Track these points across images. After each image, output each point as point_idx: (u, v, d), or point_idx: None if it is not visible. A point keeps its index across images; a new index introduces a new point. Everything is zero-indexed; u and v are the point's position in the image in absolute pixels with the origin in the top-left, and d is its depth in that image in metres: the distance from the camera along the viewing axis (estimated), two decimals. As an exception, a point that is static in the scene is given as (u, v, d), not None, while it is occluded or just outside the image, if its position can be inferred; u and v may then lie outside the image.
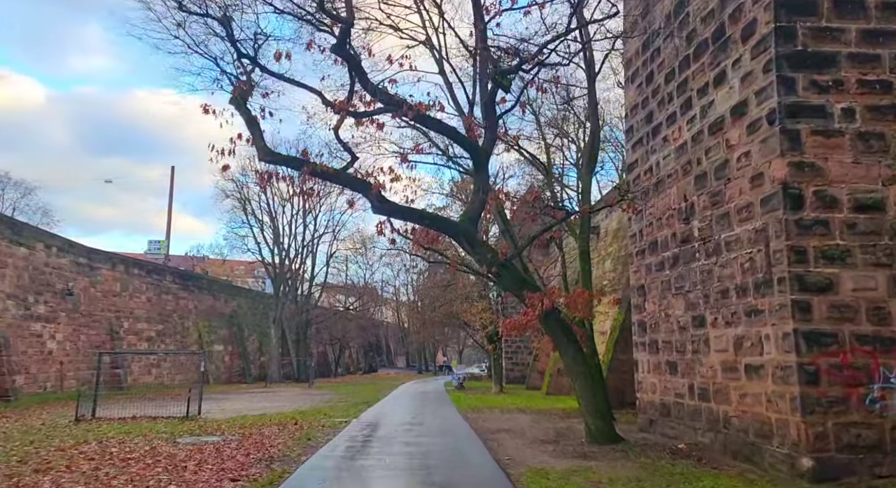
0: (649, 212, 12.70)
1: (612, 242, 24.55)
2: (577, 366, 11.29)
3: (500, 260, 11.20)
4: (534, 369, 37.01)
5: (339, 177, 11.48)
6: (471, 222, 11.57)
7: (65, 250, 30.96)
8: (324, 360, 60.84)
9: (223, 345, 46.29)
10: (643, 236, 13.03)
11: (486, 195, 11.44)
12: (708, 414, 10.28)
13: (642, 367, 13.07)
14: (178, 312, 41.41)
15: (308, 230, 50.33)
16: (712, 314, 10.17)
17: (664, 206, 11.98)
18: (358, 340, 69.13)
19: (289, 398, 29.14)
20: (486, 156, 11.46)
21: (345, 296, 65.53)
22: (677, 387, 11.37)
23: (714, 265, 10.13)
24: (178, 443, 11.47)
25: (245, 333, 48.79)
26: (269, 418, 16.96)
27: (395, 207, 11.51)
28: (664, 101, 11.98)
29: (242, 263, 77.67)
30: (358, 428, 14.51)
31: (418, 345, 70.74)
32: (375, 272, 67.41)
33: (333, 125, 11.89)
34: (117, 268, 35.62)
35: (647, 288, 12.80)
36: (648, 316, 12.68)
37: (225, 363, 46.04)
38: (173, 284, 41.29)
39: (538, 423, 15.18)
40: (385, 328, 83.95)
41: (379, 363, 77.87)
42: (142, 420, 16.55)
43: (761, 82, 8.91)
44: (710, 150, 10.29)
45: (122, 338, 35.59)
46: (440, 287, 33.17)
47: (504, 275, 11.31)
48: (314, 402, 25.58)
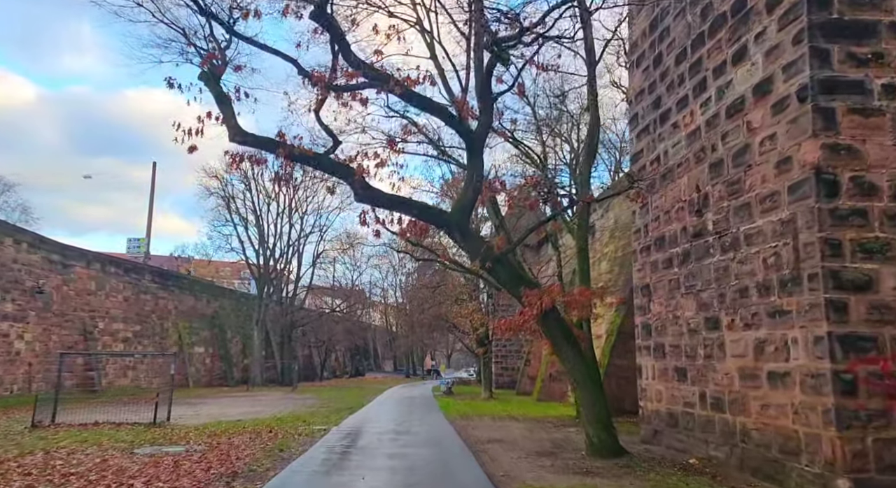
0: (656, 205, 11.73)
1: (608, 242, 23.59)
2: (578, 371, 10.28)
3: (494, 254, 10.18)
4: (524, 374, 35.97)
5: (319, 161, 10.43)
6: (463, 213, 10.54)
7: (36, 246, 29.60)
8: (309, 364, 59.52)
9: (204, 347, 44.93)
10: (648, 232, 12.06)
11: (481, 183, 10.43)
12: (722, 427, 9.29)
13: (646, 373, 12.08)
14: (158, 313, 40.04)
15: (294, 229, 49.17)
16: (728, 315, 9.19)
17: (673, 199, 11.01)
18: (344, 343, 67.85)
19: (269, 402, 28.00)
20: (480, 141, 10.45)
21: (331, 298, 64.29)
22: (687, 396, 10.38)
23: (731, 261, 9.16)
24: (134, 455, 10.33)
25: (228, 335, 47.44)
26: (244, 425, 15.81)
27: (380, 195, 10.46)
28: (674, 84, 11.02)
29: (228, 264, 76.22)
30: (338, 437, 13.41)
31: (406, 348, 69.55)
32: (363, 273, 66.23)
33: (314, 106, 10.88)
34: (93, 266, 34.25)
35: (652, 287, 11.82)
36: (654, 317, 11.69)
37: (206, 366, 44.68)
38: (152, 284, 39.94)
39: (532, 433, 14.14)
40: (373, 331, 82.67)
41: (366, 367, 76.54)
42: (104, 426, 15.36)
43: (790, 55, 7.96)
44: (727, 135, 9.33)
45: (97, 338, 34.19)
46: (429, 288, 32.12)
47: (499, 270, 10.29)
48: (295, 407, 24.46)
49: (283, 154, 9.99)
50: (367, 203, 10.53)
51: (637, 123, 12.60)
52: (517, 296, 10.43)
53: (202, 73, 10.39)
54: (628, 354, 18.49)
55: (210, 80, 10.25)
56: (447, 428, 15.39)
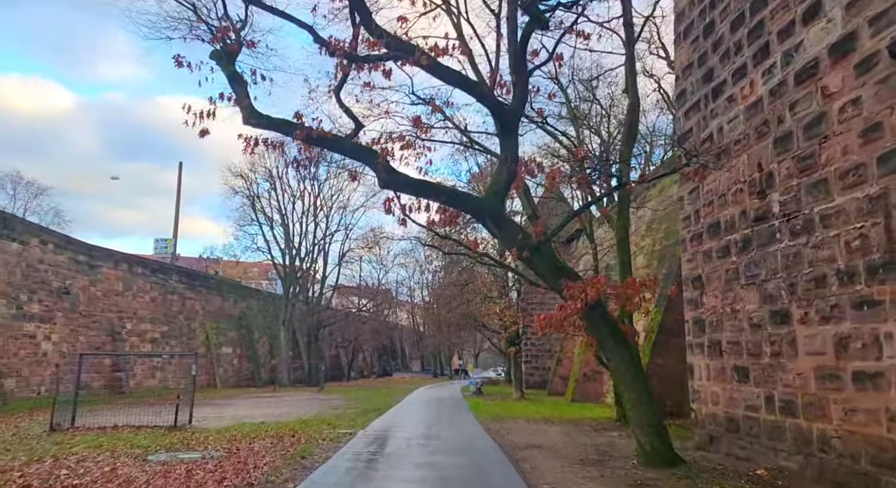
0: (708, 188, 10.67)
1: (645, 235, 22.44)
2: (627, 371, 9.29)
3: (532, 242, 9.24)
4: (556, 374, 34.89)
5: (339, 143, 9.60)
6: (497, 198, 9.63)
7: (62, 247, 29.40)
8: (336, 364, 59.07)
9: (232, 347, 44.65)
10: (700, 218, 11.00)
11: (516, 165, 9.50)
12: (795, 433, 8.23)
13: (699, 373, 11.02)
14: (185, 313, 39.80)
15: (319, 228, 48.65)
16: (801, 308, 8.12)
17: (729, 180, 9.95)
18: (371, 343, 67.30)
19: (295, 403, 27.41)
20: (514, 117, 9.53)
21: (358, 297, 63.77)
22: (749, 398, 9.32)
23: (803, 246, 8.09)
24: (146, 463, 9.61)
25: (255, 335, 47.13)
26: (267, 428, 15.09)
27: (406, 180, 9.61)
28: (729, 53, 9.96)
29: (256, 265, 76.34)
30: (364, 442, 12.58)
31: (433, 348, 68.77)
32: (390, 271, 65.56)
33: (334, 86, 10.07)
34: (120, 267, 34.04)
35: (705, 279, 10.76)
36: (708, 312, 10.63)
37: (234, 366, 44.38)
38: (179, 284, 39.71)
39: (572, 437, 13.15)
40: (399, 331, 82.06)
41: (393, 367, 75.95)
42: (124, 430, 14.77)
43: (879, 5, 6.88)
44: (797, 104, 8.26)
45: (125, 339, 34.00)
46: (457, 285, 31.20)
47: (537, 260, 9.35)
48: (321, 409, 23.76)
49: (300, 136, 9.19)
50: (391, 188, 9.68)
51: (685, 100, 11.53)
52: (557, 288, 9.50)
53: (214, 50, 9.64)
54: (669, 353, 17.39)
55: (222, 58, 9.50)
56: (480, 432, 14.47)
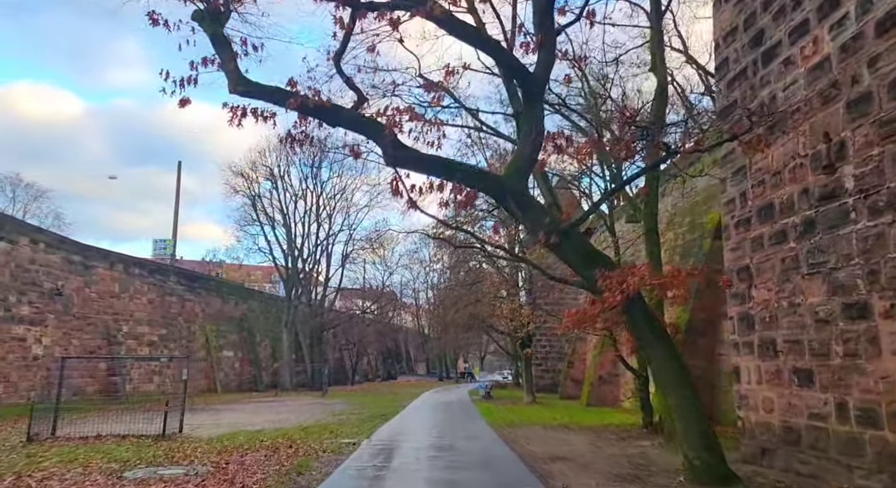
0: (758, 166, 9.43)
1: (665, 230, 21.15)
2: (670, 373, 8.06)
3: (561, 225, 8.02)
4: (567, 377, 33.67)
5: (340, 115, 8.40)
6: (519, 176, 8.41)
7: (55, 247, 28.24)
8: (340, 367, 57.86)
9: (233, 350, 43.47)
10: (747, 200, 9.74)
11: (541, 137, 8.29)
12: (878, 448, 6.97)
13: (747, 376, 9.75)
14: (184, 315, 38.62)
15: (322, 228, 47.49)
16: (884, 299, 6.88)
17: (786, 155, 8.71)
18: (376, 346, 66.10)
19: (297, 409, 26.24)
20: (539, 83, 8.32)
21: (362, 300, 62.55)
22: (814, 405, 8.06)
23: (888, 226, 6.85)
24: (121, 480, 8.41)
25: (257, 338, 45.96)
26: (264, 437, 13.89)
27: (416, 156, 8.40)
28: (785, 9, 8.73)
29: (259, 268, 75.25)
30: (368, 454, 11.35)
31: (439, 350, 67.47)
32: (394, 273, 64.35)
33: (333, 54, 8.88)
34: (115, 267, 32.88)
35: (754, 269, 9.51)
36: (758, 306, 9.37)
37: (235, 370, 43.19)
38: (178, 285, 38.53)
39: (599, 447, 11.90)
40: (404, 333, 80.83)
41: (398, 370, 74.72)
42: (107, 439, 13.56)
43: None
44: (878, 59, 7.02)
45: (121, 342, 32.85)
46: (464, 285, 29.94)
47: (566, 246, 8.12)
48: (323, 415, 22.57)
49: (294, 105, 8.00)
50: (399, 166, 8.48)
51: (727, 70, 10.29)
52: (588, 279, 8.27)
53: (196, 11, 8.45)
54: (697, 354, 16.13)
55: (205, 18, 8.30)
56: (496, 441, 13.23)
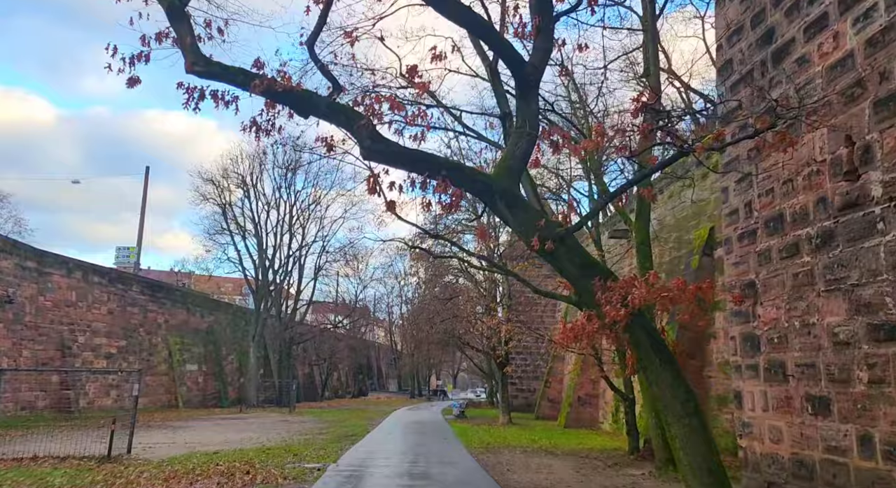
0: (766, 175, 8.71)
1: (652, 245, 20.50)
2: (677, 399, 7.20)
3: (558, 230, 7.17)
4: (544, 397, 32.83)
5: (312, 101, 7.49)
6: (511, 176, 7.56)
7: (7, 251, 26.70)
8: (310, 383, 56.29)
9: (197, 364, 41.82)
10: (752, 211, 9.01)
11: (536, 132, 7.46)
12: (911, 487, 6.18)
13: (751, 402, 8.95)
14: (146, 327, 37.04)
15: (295, 239, 46.22)
16: (919, 319, 6.13)
17: (799, 161, 7.99)
18: (347, 361, 64.62)
19: (262, 427, 24.96)
20: (535, 72, 7.49)
21: (334, 314, 61.11)
22: (831, 437, 7.26)
23: (923, 237, 6.12)
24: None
25: (223, 352, 44.36)
26: (220, 459, 12.73)
27: (396, 149, 7.51)
28: (799, 4, 8.06)
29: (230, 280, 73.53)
30: (335, 482, 10.29)
31: (411, 367, 66.19)
32: (368, 287, 63.09)
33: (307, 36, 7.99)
34: (73, 275, 31.35)
35: (760, 285, 8.75)
36: (765, 326, 8.60)
37: (198, 385, 41.53)
38: (141, 295, 36.97)
39: (586, 477, 11.00)
40: (376, 349, 79.40)
41: (369, 386, 73.17)
42: (44, 461, 12.28)
43: None
44: (911, 52, 6.34)
45: (77, 354, 31.25)
46: (440, 300, 28.99)
47: (562, 254, 7.27)
48: (289, 434, 21.37)
49: (260, 89, 7.06)
50: (378, 160, 7.57)
51: (730, 71, 9.61)
52: (585, 291, 7.43)
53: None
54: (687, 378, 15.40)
55: (161, -13, 7.36)
56: (474, 468, 12.25)
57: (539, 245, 7.07)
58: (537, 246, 7.02)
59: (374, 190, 7.70)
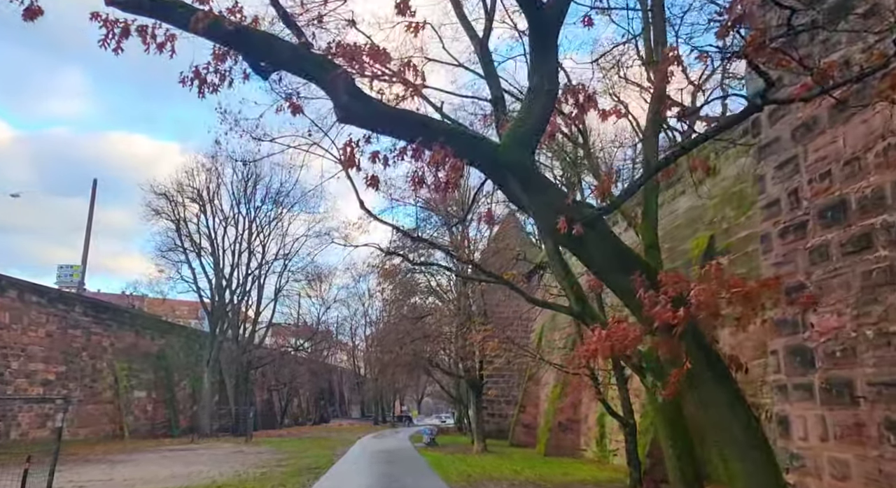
0: (819, 155, 7.34)
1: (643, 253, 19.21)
2: (737, 425, 5.69)
3: (589, 211, 5.62)
4: (518, 422, 31.09)
5: (273, 46, 5.84)
6: (524, 145, 6.00)
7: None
8: (268, 409, 53.46)
9: (146, 391, 38.91)
10: (799, 200, 7.62)
11: (556, 89, 5.95)
12: None
13: (802, 429, 7.46)
14: (89, 351, 34.19)
15: (254, 257, 43.88)
16: None
17: (868, 135, 6.65)
18: (308, 386, 61.83)
19: (214, 459, 22.68)
20: (555, 20, 5.99)
21: (295, 338, 58.48)
22: (928, 473, 5.79)
23: None
24: None
25: (175, 378, 41.49)
26: (158, 504, 10.69)
27: (380, 109, 5.88)
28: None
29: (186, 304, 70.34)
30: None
31: (375, 392, 63.69)
32: (331, 308, 60.69)
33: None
34: (7, 294, 28.63)
35: (813, 288, 7.32)
36: (822, 336, 7.15)
37: (147, 413, 38.58)
38: (84, 317, 34.15)
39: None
40: (339, 374, 76.56)
41: (331, 413, 70.31)
42: (-63, 511, 10.09)
43: None
44: None
45: (9, 381, 28.45)
46: (411, 319, 27.20)
47: (591, 240, 5.72)
48: (244, 467, 19.23)
49: (203, 25, 5.39)
50: (357, 122, 5.94)
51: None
52: (620, 288, 5.91)
53: None
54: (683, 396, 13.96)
55: None
56: (460, 509, 10.49)
57: (567, 227, 5.49)
58: (565, 228, 5.44)
59: (352, 162, 6.04)
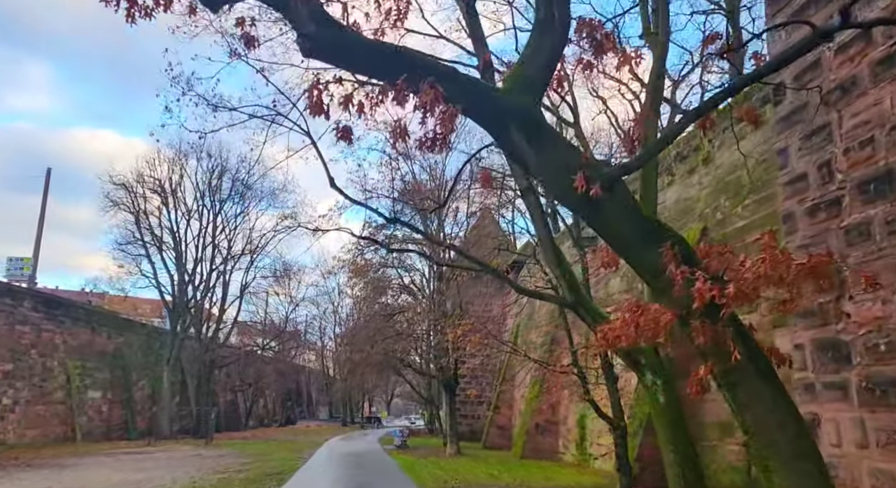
0: (856, 120, 6.45)
1: (623, 253, 18.36)
2: (784, 431, 4.73)
3: (612, 170, 4.60)
4: (493, 424, 30.10)
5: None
6: (530, 92, 4.96)
7: None
8: (233, 410, 51.62)
9: (102, 391, 36.91)
10: (832, 174, 6.72)
11: (568, 23, 4.92)
12: None
13: (833, 435, 6.55)
14: (39, 348, 32.15)
15: (219, 252, 42.15)
16: None
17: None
18: (275, 387, 59.98)
19: (169, 463, 21.27)
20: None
21: (263, 337, 56.66)
22: None
23: None
24: None
25: (133, 377, 39.50)
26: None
27: (355, 40, 4.77)
28: None
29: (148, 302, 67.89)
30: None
31: (344, 393, 62.16)
32: (300, 306, 59.01)
33: None
34: (-52, 287, 26.65)
35: (849, 273, 6.41)
36: (860, 328, 6.25)
37: (102, 415, 36.61)
38: (34, 312, 32.12)
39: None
40: (307, 374, 74.74)
41: (299, 414, 68.51)
42: None
43: None
44: None
45: (-52, 380, 26.46)
46: (383, 316, 26.00)
47: (611, 204, 4.71)
48: (201, 472, 17.90)
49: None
50: (326, 57, 4.84)
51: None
52: (644, 264, 4.91)
53: None
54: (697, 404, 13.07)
55: None
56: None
57: (584, 186, 4.44)
58: (583, 186, 4.39)
59: (319, 107, 4.91)
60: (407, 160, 22.83)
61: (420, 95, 4.60)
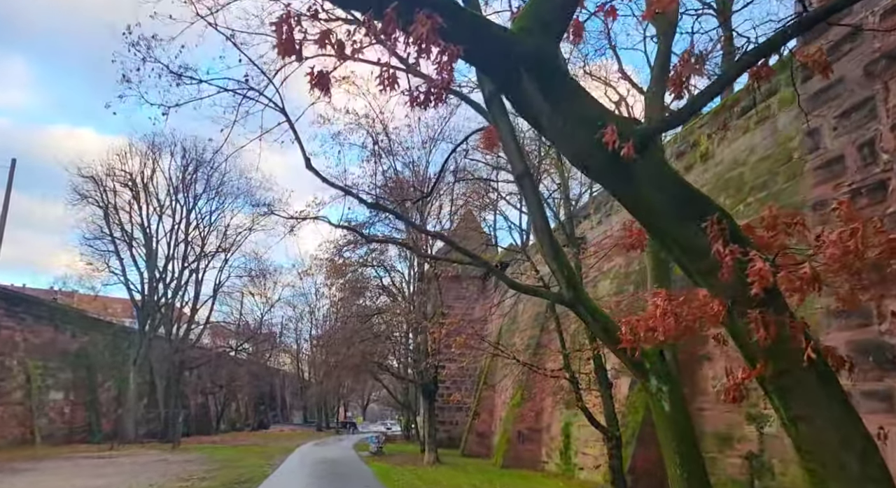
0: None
1: (614, 253, 17.61)
2: (851, 450, 3.92)
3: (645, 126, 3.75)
4: (472, 431, 29.21)
5: None
6: (545, 29, 4.08)
7: None
8: (203, 414, 50.03)
9: (64, 392, 35.34)
10: (875, 155, 5.95)
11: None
12: None
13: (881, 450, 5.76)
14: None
15: (192, 250, 40.75)
16: None
17: None
18: (248, 390, 58.42)
19: (131, 468, 20.16)
20: None
21: (236, 337, 55.17)
22: None
23: None
24: None
25: (98, 378, 37.92)
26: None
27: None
28: None
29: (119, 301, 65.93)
30: None
31: (319, 397, 60.80)
32: (275, 307, 57.62)
33: None
34: None
35: (893, 266, 5.65)
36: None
37: (64, 417, 35.02)
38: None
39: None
40: (281, 377, 73.18)
41: (272, 418, 66.94)
42: None
43: None
44: None
45: None
46: (362, 317, 24.98)
47: (643, 168, 3.85)
48: (164, 479, 16.85)
49: None
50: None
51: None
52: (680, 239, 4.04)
53: None
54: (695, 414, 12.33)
55: None
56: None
57: (613, 145, 3.58)
58: (613, 142, 3.54)
59: (290, 47, 3.99)
60: (390, 156, 21.92)
61: (415, 27, 3.71)
